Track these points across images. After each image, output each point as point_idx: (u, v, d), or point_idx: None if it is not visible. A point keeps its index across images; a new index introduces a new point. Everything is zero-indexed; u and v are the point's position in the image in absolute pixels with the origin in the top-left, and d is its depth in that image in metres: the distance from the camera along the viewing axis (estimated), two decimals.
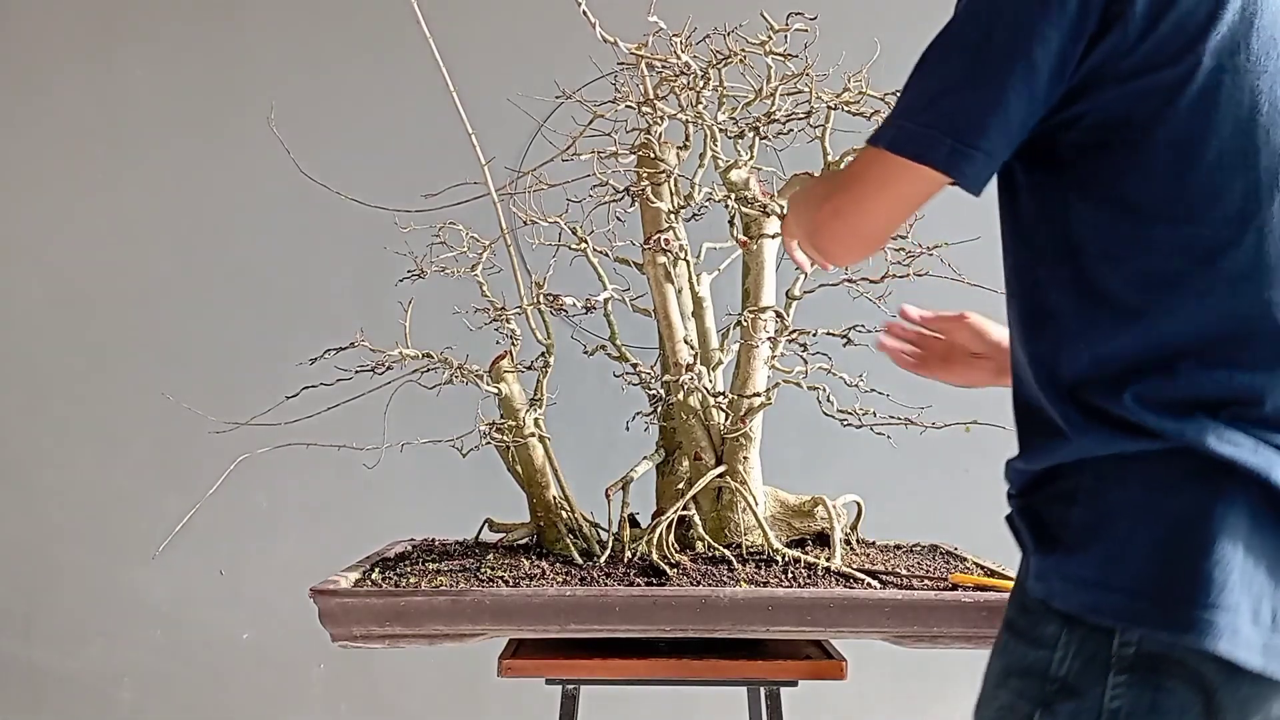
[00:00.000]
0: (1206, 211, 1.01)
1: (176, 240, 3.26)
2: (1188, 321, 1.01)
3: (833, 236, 1.19)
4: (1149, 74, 1.00)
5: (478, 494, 2.02)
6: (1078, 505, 1.04)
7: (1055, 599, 1.03)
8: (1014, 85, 1.02)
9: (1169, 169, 1.01)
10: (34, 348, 3.27)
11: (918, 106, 1.07)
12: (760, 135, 1.77)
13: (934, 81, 1.07)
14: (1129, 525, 1.01)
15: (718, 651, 1.60)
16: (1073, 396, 1.04)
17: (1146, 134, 1.01)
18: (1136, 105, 1.01)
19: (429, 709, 3.25)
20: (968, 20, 1.06)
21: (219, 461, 1.93)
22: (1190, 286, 1.01)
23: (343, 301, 3.17)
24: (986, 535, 2.18)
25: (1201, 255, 1.01)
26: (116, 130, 3.27)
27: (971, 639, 1.52)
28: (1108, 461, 1.02)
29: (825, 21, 1.71)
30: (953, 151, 1.05)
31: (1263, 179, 1.01)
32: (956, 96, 1.05)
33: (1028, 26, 1.01)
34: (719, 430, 1.79)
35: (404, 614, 1.49)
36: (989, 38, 1.04)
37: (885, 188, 1.12)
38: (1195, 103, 1.00)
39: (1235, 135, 1.00)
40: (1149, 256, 1.02)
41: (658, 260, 1.78)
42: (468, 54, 2.91)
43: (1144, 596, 0.99)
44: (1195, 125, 1.00)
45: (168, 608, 3.24)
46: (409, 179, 2.01)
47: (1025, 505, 1.11)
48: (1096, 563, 1.01)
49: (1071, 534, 1.04)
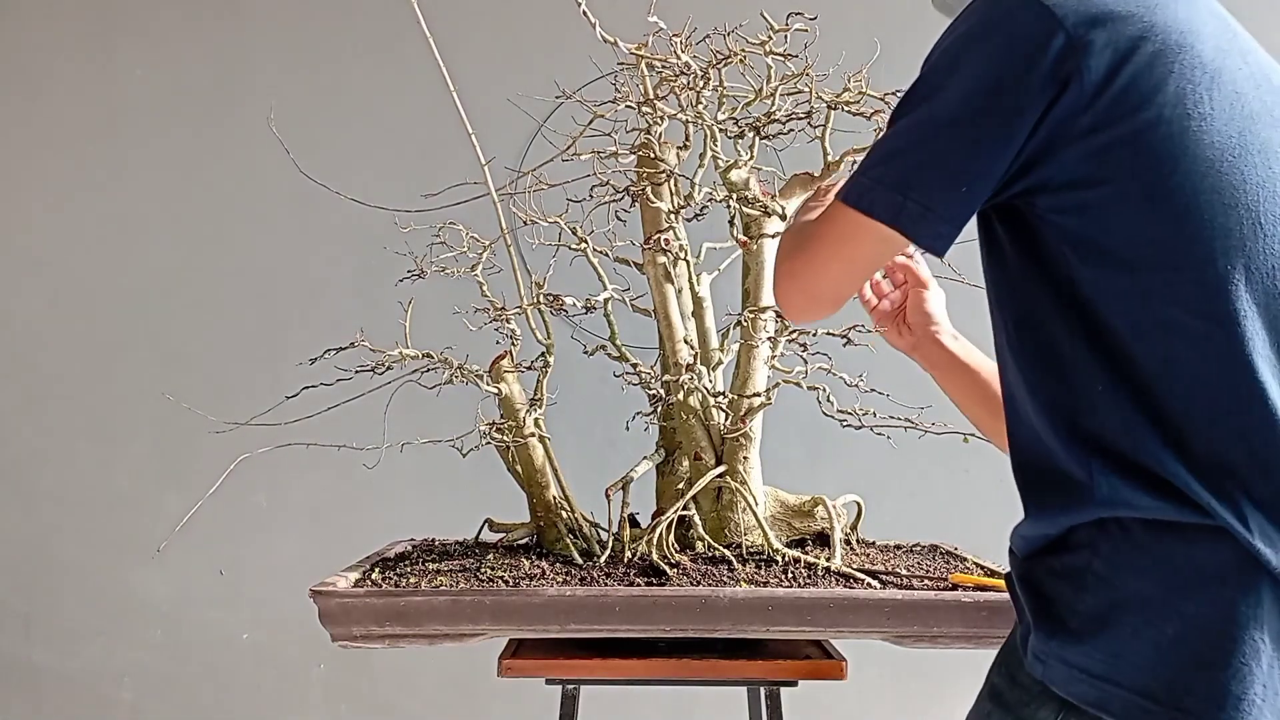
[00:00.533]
0: (1191, 254, 0.99)
1: (176, 240, 3.26)
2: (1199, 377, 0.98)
3: (784, 295, 1.22)
4: (1109, 128, 0.99)
5: (478, 494, 2.02)
6: (1088, 591, 1.00)
7: (1057, 684, 1.00)
8: (967, 146, 1.03)
9: (1148, 220, 0.99)
10: (34, 348, 3.27)
11: (873, 163, 1.09)
12: (760, 135, 1.77)
13: (890, 141, 1.08)
14: (1140, 619, 0.97)
15: (718, 651, 1.60)
16: (1098, 445, 1.01)
17: (1118, 189, 0.99)
18: (1102, 161, 1.00)
19: (429, 709, 3.25)
20: (926, 79, 1.07)
21: (219, 461, 1.93)
22: (1189, 334, 0.98)
23: (343, 301, 3.17)
24: (986, 535, 2.18)
25: (1191, 300, 0.98)
26: (116, 130, 3.27)
27: (971, 639, 1.52)
28: (1128, 536, 0.98)
29: (825, 21, 1.71)
30: (901, 209, 1.05)
31: (1244, 218, 0.99)
32: (910, 156, 1.06)
33: (983, 88, 1.02)
34: (719, 430, 1.79)
35: (404, 614, 1.49)
36: (945, 99, 1.04)
37: (839, 245, 1.13)
38: (1160, 152, 0.99)
39: (1208, 179, 0.99)
40: (1151, 307, 0.99)
41: (658, 260, 1.78)
42: (468, 54, 2.92)
43: (1152, 698, 0.95)
44: (1164, 175, 0.99)
45: (168, 607, 3.24)
46: (409, 179, 2.01)
47: (1028, 573, 1.07)
48: (1103, 655, 0.98)
49: (1079, 620, 1.00)
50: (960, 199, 1.04)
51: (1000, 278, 1.11)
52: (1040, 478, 1.07)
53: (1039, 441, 1.06)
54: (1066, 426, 1.03)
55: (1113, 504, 0.99)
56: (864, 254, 1.13)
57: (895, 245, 1.10)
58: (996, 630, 1.49)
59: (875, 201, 1.07)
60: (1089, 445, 1.01)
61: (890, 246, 1.10)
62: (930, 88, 1.06)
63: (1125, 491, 0.98)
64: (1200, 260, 0.98)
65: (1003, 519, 1.14)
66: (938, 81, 1.05)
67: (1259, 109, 1.02)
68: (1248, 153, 1.00)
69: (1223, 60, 1.02)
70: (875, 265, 1.17)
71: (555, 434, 1.82)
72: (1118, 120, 0.99)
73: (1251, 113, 1.01)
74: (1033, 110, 1.00)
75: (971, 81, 1.02)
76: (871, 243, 1.10)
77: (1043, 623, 1.03)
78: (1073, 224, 1.01)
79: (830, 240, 1.14)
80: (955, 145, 1.03)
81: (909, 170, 1.06)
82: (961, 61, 1.04)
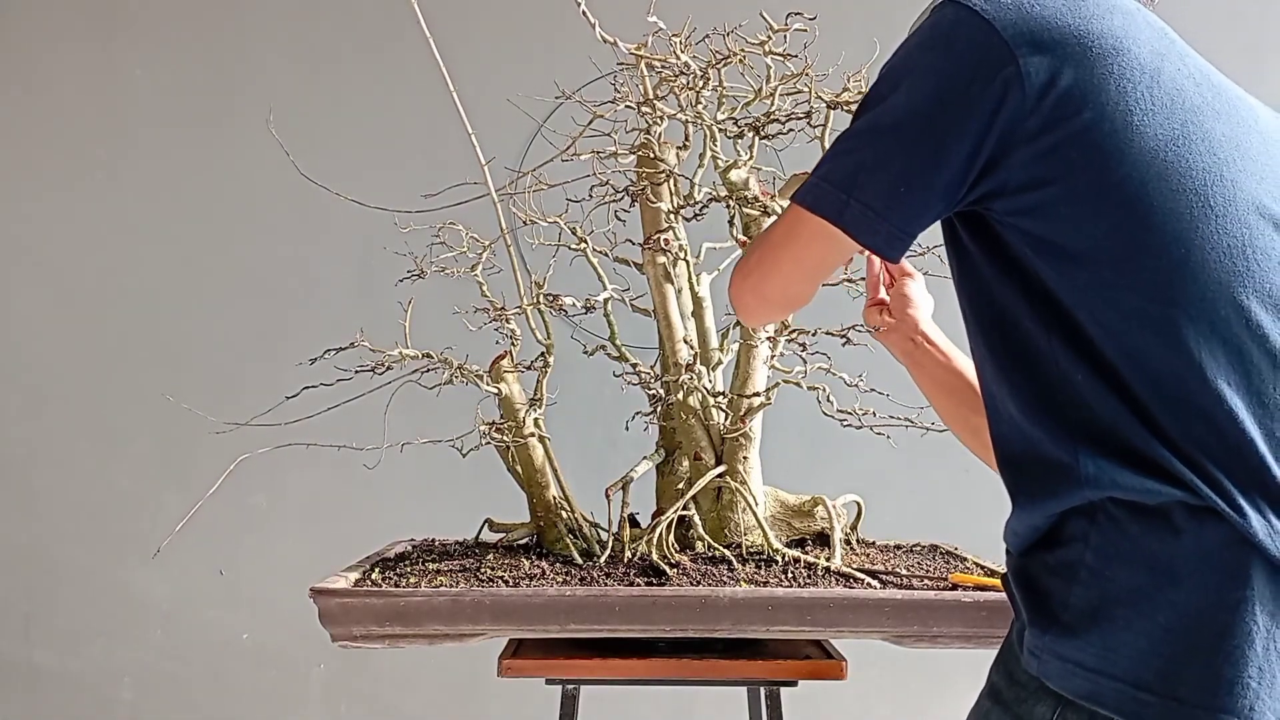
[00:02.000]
0: (1145, 243, 1.00)
1: (176, 240, 3.26)
2: (1168, 360, 0.99)
3: (736, 295, 1.27)
4: (1055, 129, 1.01)
5: (478, 494, 2.02)
6: (1078, 584, 1.01)
7: (1051, 679, 1.01)
8: (909, 151, 1.06)
9: (1098, 213, 1.01)
10: (34, 348, 3.27)
11: (822, 164, 1.13)
12: (760, 135, 1.77)
13: (840, 143, 1.12)
14: (1132, 611, 0.97)
15: (718, 651, 1.60)
16: (1083, 430, 1.02)
17: (1067, 186, 1.01)
18: (1050, 162, 1.02)
19: (429, 709, 3.25)
20: (877, 88, 1.11)
21: (219, 461, 1.93)
22: (1152, 322, 1.00)
23: (343, 301, 3.17)
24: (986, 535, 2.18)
25: (1150, 289, 1.00)
26: (116, 130, 3.27)
27: (971, 639, 1.52)
28: (1118, 526, 0.99)
29: (825, 21, 1.71)
30: (845, 206, 1.09)
31: (1193, 202, 1.00)
32: (854, 157, 1.10)
33: (927, 97, 1.05)
34: (719, 430, 1.79)
35: (404, 614, 1.49)
36: (892, 106, 1.08)
37: (788, 243, 1.17)
38: (1105, 147, 1.01)
39: (1153, 168, 1.00)
40: (1110, 298, 1.01)
41: (658, 260, 1.78)
42: (468, 54, 2.92)
43: (1147, 688, 0.96)
44: (1110, 168, 1.01)
45: (168, 607, 3.24)
46: (409, 179, 2.01)
47: (1022, 569, 1.08)
48: (1096, 648, 0.98)
49: (1071, 613, 1.01)
50: (903, 203, 1.07)
51: (971, 283, 1.13)
52: (1026, 468, 1.07)
53: (1022, 434, 1.07)
54: (1050, 416, 1.04)
55: (1099, 484, 1.00)
56: (812, 253, 1.16)
57: (842, 246, 1.13)
58: (996, 630, 1.49)
59: (820, 199, 1.11)
60: (1073, 430, 1.02)
61: (837, 246, 1.14)
62: (879, 96, 1.10)
63: (1111, 471, 0.99)
64: (1152, 247, 1.00)
65: (1003, 519, 1.14)
66: (885, 91, 1.09)
67: (1200, 103, 1.04)
68: (1190, 142, 1.02)
69: (1160, 62, 1.05)
70: (824, 266, 1.19)
71: (555, 434, 1.82)
72: (1062, 121, 1.01)
73: (1193, 106, 1.04)
74: (975, 119, 1.03)
75: (916, 91, 1.06)
76: (819, 241, 1.14)
77: (1037, 618, 1.04)
78: (1030, 225, 1.04)
79: (780, 239, 1.18)
80: (898, 150, 1.07)
81: (853, 171, 1.09)
82: (907, 72, 1.08)
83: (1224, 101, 1.07)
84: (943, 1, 1.09)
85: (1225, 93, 1.08)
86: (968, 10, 1.05)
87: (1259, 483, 0.97)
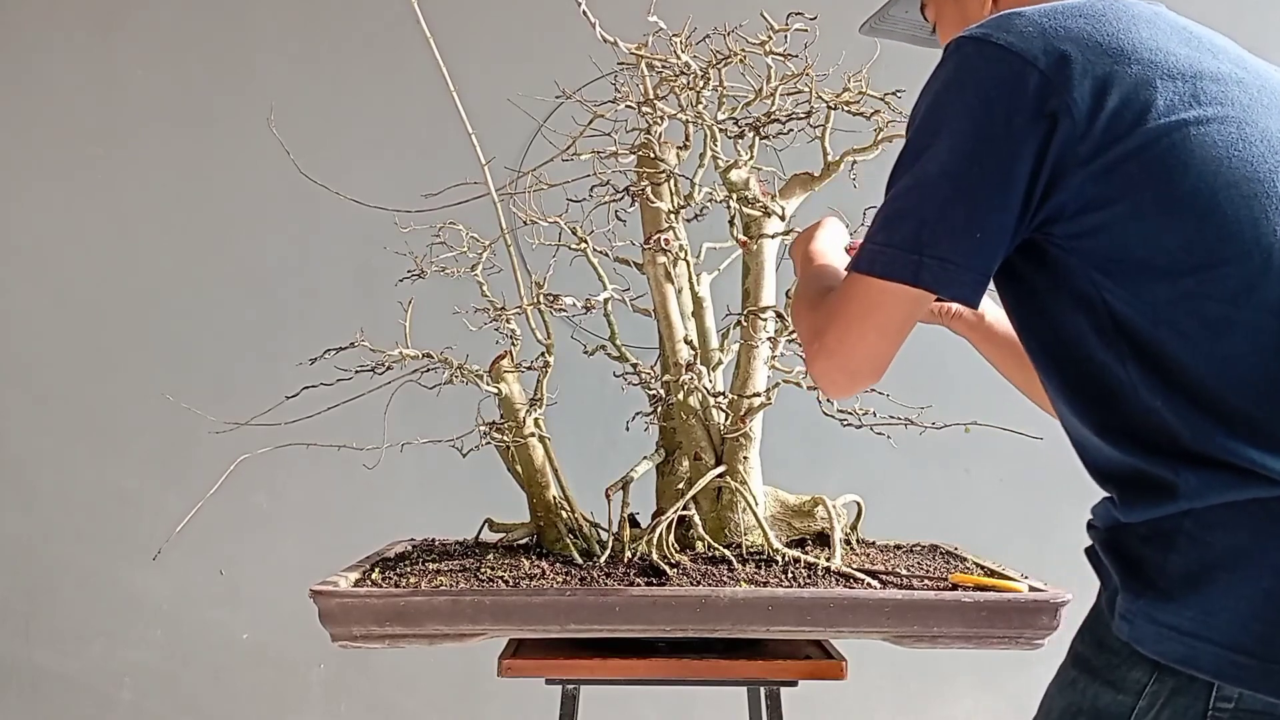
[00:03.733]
0: (1223, 250, 1.00)
1: (176, 240, 3.26)
2: (1257, 367, 0.99)
3: (823, 375, 1.20)
4: (1110, 149, 1.01)
5: (478, 494, 2.02)
6: (1176, 551, 1.00)
7: (1145, 644, 1.00)
8: (966, 196, 1.05)
9: (1170, 226, 1.01)
10: (34, 348, 3.27)
11: (877, 229, 1.11)
12: (760, 135, 1.77)
13: (890, 205, 1.11)
14: (1233, 575, 0.97)
15: (718, 651, 1.60)
16: (1177, 452, 1.01)
17: (1132, 203, 1.01)
18: (1110, 181, 1.01)
19: (429, 709, 3.25)
20: (913, 142, 1.10)
21: (219, 461, 1.93)
22: (1240, 327, 0.99)
23: (343, 301, 3.17)
24: (986, 535, 2.18)
25: (1235, 294, 1.00)
26: (117, 130, 3.27)
27: (971, 639, 1.52)
28: (1217, 507, 0.99)
29: (825, 21, 1.71)
30: (920, 266, 1.07)
31: (1267, 205, 1.00)
32: (913, 215, 1.08)
33: (969, 138, 1.05)
34: (719, 430, 1.79)
35: (404, 614, 1.49)
36: (935, 155, 1.07)
37: (869, 315, 1.13)
38: (1168, 161, 1.00)
39: (1221, 176, 1.00)
40: (1195, 309, 1.00)
41: (658, 260, 1.78)
42: (468, 54, 2.91)
43: (1246, 652, 0.95)
44: (1175, 181, 1.00)
45: (168, 607, 3.24)
46: (409, 179, 2.01)
47: (1112, 539, 1.07)
48: (1194, 612, 0.98)
49: (1167, 580, 1.00)
50: (975, 247, 1.06)
51: (1031, 317, 1.12)
52: (1125, 483, 1.06)
53: (1116, 460, 1.06)
54: (1142, 445, 1.03)
55: (1204, 495, 0.99)
56: (895, 318, 1.13)
57: (924, 302, 1.12)
58: (996, 630, 1.49)
59: (891, 265, 1.09)
60: (1168, 454, 1.02)
61: (920, 305, 1.12)
62: (918, 149, 1.09)
63: (1214, 483, 0.99)
64: (1232, 256, 1.00)
65: (1003, 519, 1.15)
66: (924, 142, 1.08)
67: (1248, 101, 1.04)
68: (1250, 144, 1.02)
69: (1199, 65, 1.04)
70: (909, 326, 1.16)
71: (555, 434, 1.82)
72: (1116, 141, 1.01)
73: (1243, 105, 1.04)
74: (1025, 150, 1.02)
75: (956, 135, 1.05)
76: (899, 305, 1.11)
77: (1130, 583, 1.03)
78: (1095, 246, 1.03)
79: (858, 313, 1.14)
80: (955, 197, 1.06)
81: (916, 230, 1.07)
82: (942, 118, 1.07)
83: (1269, 93, 1.06)
84: (961, 39, 1.08)
85: (1267, 80, 1.08)
86: (992, 45, 1.05)
87: None
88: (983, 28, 1.08)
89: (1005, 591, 1.52)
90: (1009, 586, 1.54)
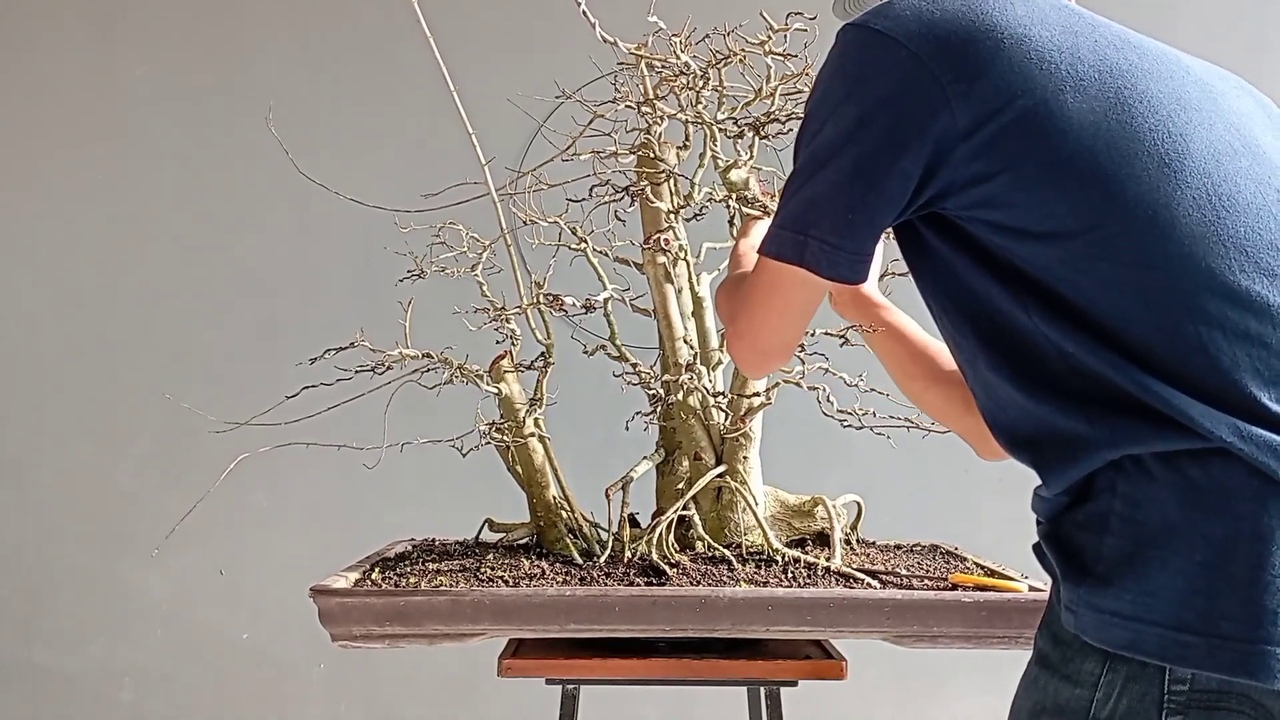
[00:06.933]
0: (1109, 211, 1.01)
1: (176, 240, 3.26)
2: (1155, 319, 0.99)
3: (737, 355, 1.30)
4: (987, 124, 1.03)
5: (478, 494, 2.02)
6: (1109, 534, 0.99)
7: (1089, 633, 0.99)
8: (849, 178, 1.08)
9: (1055, 192, 1.02)
10: (34, 348, 3.27)
11: (776, 211, 1.16)
12: (760, 135, 1.77)
13: (787, 189, 1.15)
14: (1166, 551, 0.96)
15: (717, 651, 1.60)
16: (1089, 397, 1.01)
17: (1014, 174, 1.02)
18: (990, 155, 1.03)
19: (429, 709, 3.25)
20: (806, 125, 1.14)
21: (219, 461, 1.93)
22: (1132, 287, 1.00)
23: (343, 301, 3.17)
24: (986, 535, 2.18)
25: (1124, 255, 1.00)
26: (116, 130, 3.27)
27: (971, 639, 1.52)
28: (1144, 471, 0.98)
29: (825, 21, 1.71)
30: (804, 247, 1.11)
31: (1149, 164, 1.01)
32: (801, 196, 1.12)
33: (851, 121, 1.08)
34: (719, 430, 1.79)
35: (404, 614, 1.49)
36: (823, 139, 1.10)
37: (768, 296, 1.19)
38: (1046, 128, 1.02)
39: (1100, 138, 1.01)
40: (1090, 269, 1.01)
41: (658, 260, 1.78)
42: (468, 54, 2.92)
43: (1189, 629, 0.94)
44: (1055, 147, 1.01)
45: (168, 607, 3.24)
46: (409, 179, 2.01)
47: (1053, 531, 1.06)
48: (1133, 595, 0.96)
49: (1104, 565, 0.99)
50: (856, 228, 1.10)
51: (944, 280, 1.13)
52: (1042, 444, 1.07)
53: (1029, 415, 1.07)
54: (1052, 390, 1.04)
55: (1115, 444, 0.99)
56: (792, 299, 1.18)
57: (815, 284, 1.15)
58: (996, 630, 1.49)
59: (781, 245, 1.13)
60: (1078, 399, 1.02)
61: (812, 286, 1.16)
62: (810, 133, 1.12)
63: (1123, 430, 0.99)
64: (1118, 215, 1.00)
65: (1003, 519, 1.15)
66: (815, 127, 1.12)
67: (1127, 67, 1.05)
68: (1129, 106, 1.03)
69: (1075, 39, 1.06)
70: (808, 307, 1.20)
71: (555, 434, 1.82)
72: (993, 115, 1.02)
73: (1121, 71, 1.04)
74: (902, 133, 1.05)
75: (840, 120, 1.09)
76: (794, 286, 1.16)
77: (1070, 572, 1.02)
78: (989, 215, 1.05)
79: (759, 293, 1.20)
80: (837, 178, 1.09)
81: (804, 210, 1.12)
82: (828, 103, 1.11)
83: (1151, 60, 1.07)
84: (845, 27, 1.12)
85: (1150, 51, 1.09)
86: (870, 31, 1.08)
87: (1260, 418, 0.96)
88: (864, 14, 1.11)
89: (1005, 591, 1.52)
90: (1009, 586, 1.54)
